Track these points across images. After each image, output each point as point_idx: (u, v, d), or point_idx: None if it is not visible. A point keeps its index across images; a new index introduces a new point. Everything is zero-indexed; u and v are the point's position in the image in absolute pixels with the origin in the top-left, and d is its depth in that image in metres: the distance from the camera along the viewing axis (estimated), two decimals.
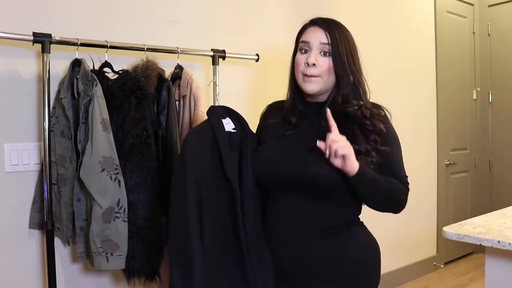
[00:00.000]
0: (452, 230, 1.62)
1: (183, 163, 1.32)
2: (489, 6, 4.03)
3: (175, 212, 1.30)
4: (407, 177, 1.36)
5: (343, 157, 1.18)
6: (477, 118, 4.13)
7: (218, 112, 1.40)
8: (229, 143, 1.37)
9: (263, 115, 1.52)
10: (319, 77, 1.32)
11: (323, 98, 1.37)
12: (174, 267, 1.26)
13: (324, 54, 1.32)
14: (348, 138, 1.24)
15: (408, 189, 1.35)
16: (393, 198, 1.30)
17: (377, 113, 1.33)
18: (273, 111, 1.48)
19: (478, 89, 4.12)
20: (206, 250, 1.26)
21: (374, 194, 1.27)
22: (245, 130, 1.41)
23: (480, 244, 1.53)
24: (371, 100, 1.37)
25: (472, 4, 4.05)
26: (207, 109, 1.44)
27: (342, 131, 1.26)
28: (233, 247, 1.31)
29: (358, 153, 1.24)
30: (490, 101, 4.08)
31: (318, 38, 1.32)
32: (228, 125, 1.39)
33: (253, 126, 1.49)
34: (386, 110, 1.37)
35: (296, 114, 1.39)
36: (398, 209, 1.34)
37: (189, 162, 1.30)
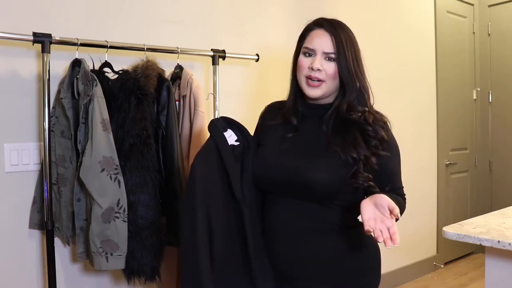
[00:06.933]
0: (452, 230, 1.62)
1: (192, 187, 1.30)
2: (489, 6, 4.03)
3: (186, 238, 1.29)
4: (403, 187, 1.38)
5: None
6: (477, 118, 4.13)
7: (219, 125, 1.38)
8: (232, 156, 1.36)
9: (262, 116, 1.51)
10: (323, 82, 1.30)
11: (325, 101, 1.35)
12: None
13: (329, 59, 1.30)
14: (349, 144, 1.25)
15: (405, 200, 1.37)
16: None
17: (380, 119, 1.32)
18: (272, 111, 1.47)
19: (478, 89, 4.12)
20: (216, 270, 1.26)
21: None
22: (247, 139, 1.40)
23: (480, 244, 1.53)
24: (374, 104, 1.37)
25: (472, 4, 4.05)
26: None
27: (343, 136, 1.27)
28: (240, 260, 1.32)
29: (357, 161, 1.25)
30: (490, 101, 4.08)
31: (323, 45, 1.30)
32: (231, 137, 1.38)
33: (253, 126, 1.49)
34: (387, 119, 1.36)
35: (297, 116, 1.38)
36: None
37: (198, 187, 1.30)
